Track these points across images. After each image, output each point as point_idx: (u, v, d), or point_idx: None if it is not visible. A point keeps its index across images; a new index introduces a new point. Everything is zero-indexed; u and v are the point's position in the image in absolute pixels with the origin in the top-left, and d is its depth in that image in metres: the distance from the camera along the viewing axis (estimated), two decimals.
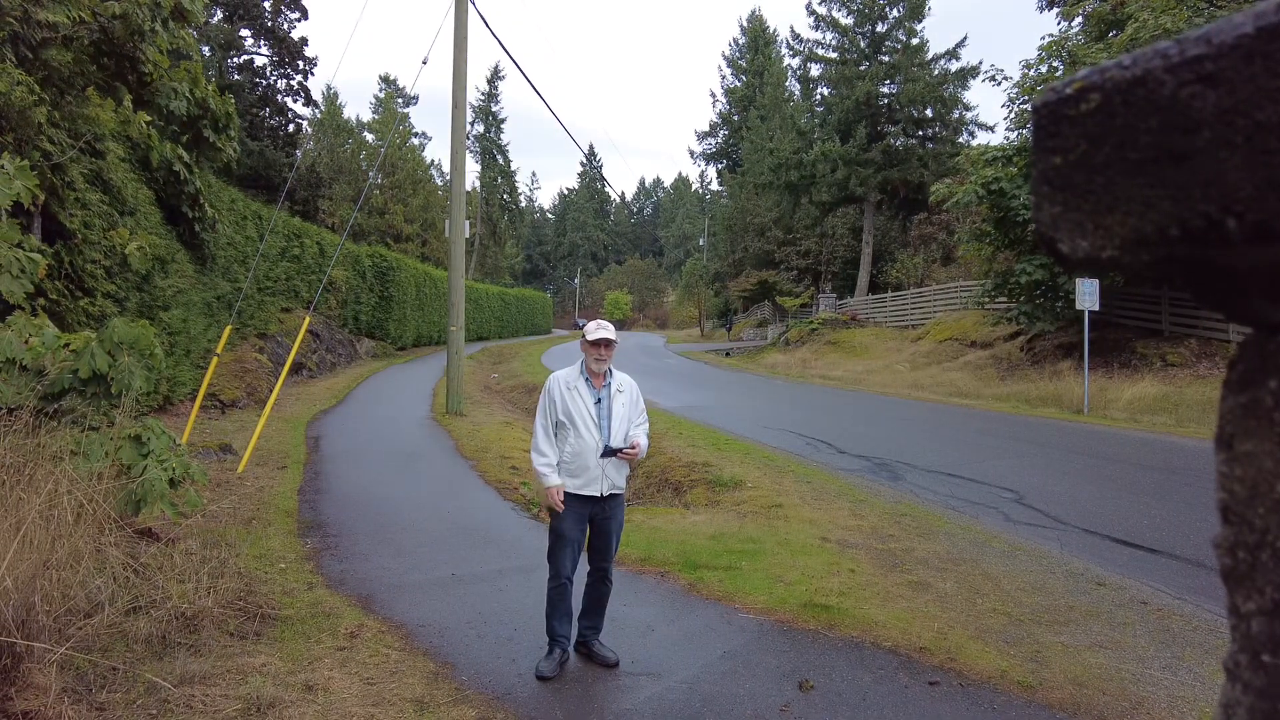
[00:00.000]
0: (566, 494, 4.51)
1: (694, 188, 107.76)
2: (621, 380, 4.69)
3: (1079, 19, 23.13)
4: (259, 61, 35.13)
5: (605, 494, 4.54)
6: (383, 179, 44.78)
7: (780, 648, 4.82)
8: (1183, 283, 0.50)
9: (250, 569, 5.69)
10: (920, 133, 38.37)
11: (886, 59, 38.29)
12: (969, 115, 37.95)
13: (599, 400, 4.57)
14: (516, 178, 78.78)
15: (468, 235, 15.67)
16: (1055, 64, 21.22)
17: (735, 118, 64.65)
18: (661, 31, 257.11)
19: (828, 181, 37.58)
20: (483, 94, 76.51)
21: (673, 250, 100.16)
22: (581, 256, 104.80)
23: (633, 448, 4.58)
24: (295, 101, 36.45)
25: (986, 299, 21.84)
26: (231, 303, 14.19)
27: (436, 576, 6.11)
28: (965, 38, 46.87)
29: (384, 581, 5.95)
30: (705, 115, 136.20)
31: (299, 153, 35.59)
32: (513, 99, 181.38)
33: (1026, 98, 21.99)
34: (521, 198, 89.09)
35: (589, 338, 4.55)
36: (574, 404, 4.52)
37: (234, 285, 14.92)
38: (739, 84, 66.08)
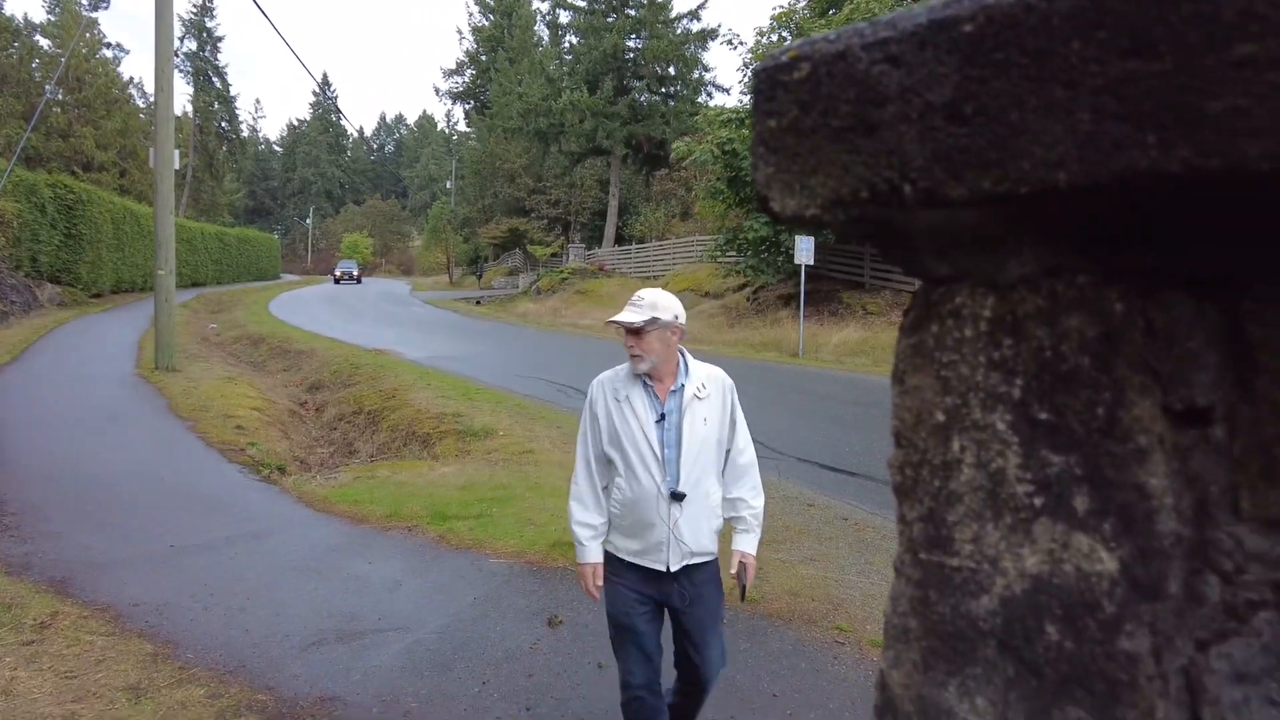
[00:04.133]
0: (620, 561, 2.88)
1: (440, 127, 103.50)
2: (705, 379, 2.98)
3: None
4: None
5: (675, 567, 2.82)
6: (65, 95, 37.84)
7: (530, 588, 4.95)
8: (872, 240, 0.57)
9: None
10: (664, 90, 39.75)
11: (633, 13, 38.99)
12: (709, 76, 40.04)
13: (661, 417, 2.85)
14: (237, 104, 70.59)
15: (178, 166, 13.82)
16: (784, 34, 22.84)
17: (483, 58, 62.46)
18: None
19: (576, 132, 37.82)
20: (195, 5, 67.18)
21: (418, 192, 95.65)
22: (315, 195, 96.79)
23: (740, 567, 2.91)
24: None
25: (719, 253, 23.40)
26: None
27: (151, 550, 5.49)
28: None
29: (84, 561, 5.23)
30: (452, 52, 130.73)
31: None
32: (234, 16, 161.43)
33: (758, 63, 23.50)
34: (244, 127, 79.96)
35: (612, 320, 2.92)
36: (623, 423, 2.84)
37: None
38: (487, 23, 63.75)
